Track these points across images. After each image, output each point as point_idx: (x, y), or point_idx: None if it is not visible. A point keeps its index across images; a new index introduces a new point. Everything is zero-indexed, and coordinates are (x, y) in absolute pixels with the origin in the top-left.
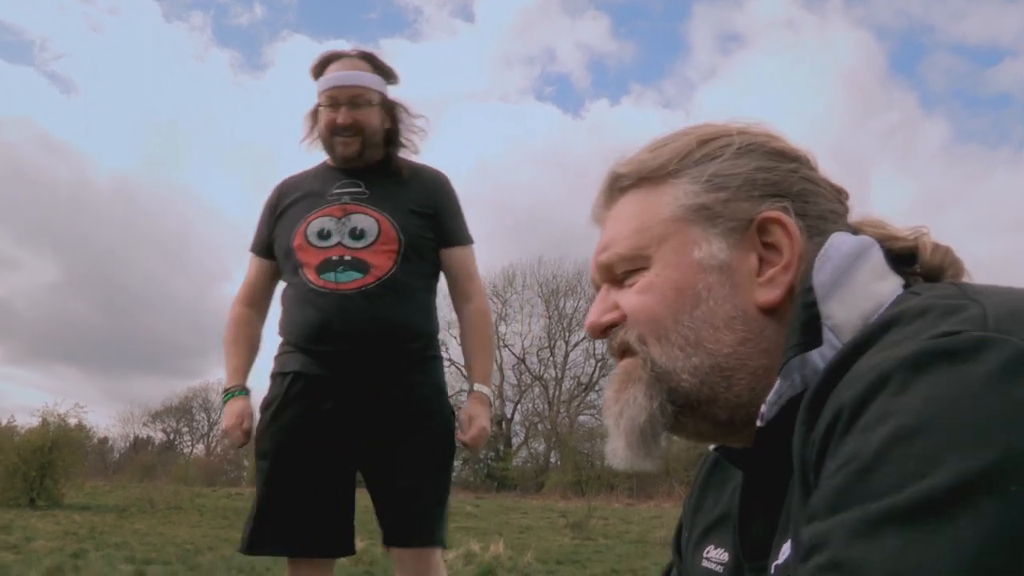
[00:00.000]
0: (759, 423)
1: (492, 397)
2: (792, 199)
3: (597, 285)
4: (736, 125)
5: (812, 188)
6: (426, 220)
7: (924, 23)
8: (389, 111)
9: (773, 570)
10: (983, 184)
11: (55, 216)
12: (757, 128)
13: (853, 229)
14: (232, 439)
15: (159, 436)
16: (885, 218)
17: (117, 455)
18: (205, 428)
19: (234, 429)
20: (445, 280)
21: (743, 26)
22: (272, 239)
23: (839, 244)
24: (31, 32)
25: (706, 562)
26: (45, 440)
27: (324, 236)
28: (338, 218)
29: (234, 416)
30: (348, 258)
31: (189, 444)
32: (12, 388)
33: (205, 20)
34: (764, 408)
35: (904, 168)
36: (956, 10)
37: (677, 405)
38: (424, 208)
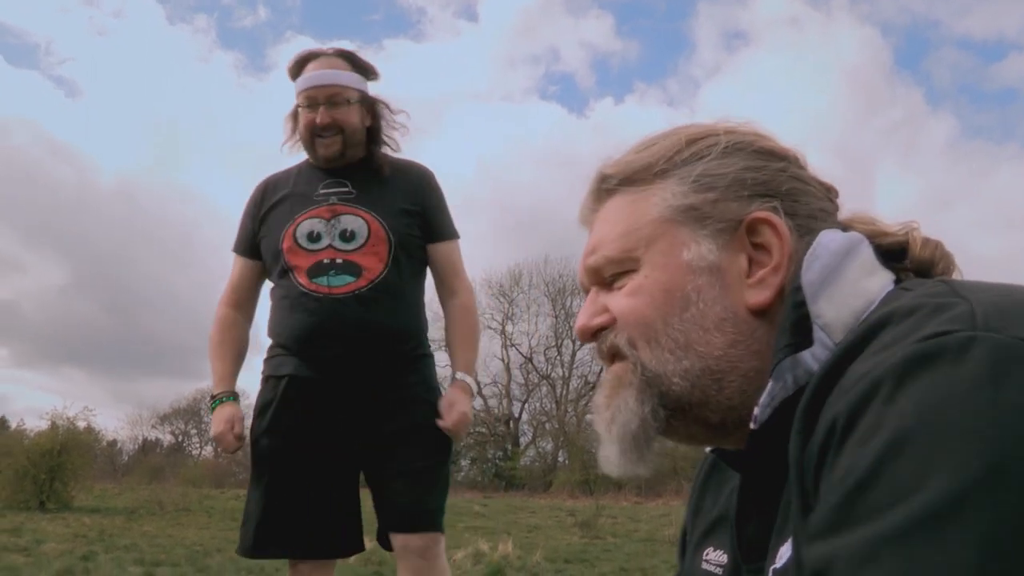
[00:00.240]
0: (752, 426)
1: (474, 387)
2: (781, 198)
3: (586, 288)
4: (724, 125)
5: (801, 187)
6: (414, 218)
7: (929, 18)
8: (370, 108)
9: (771, 574)
10: (989, 180)
11: (60, 218)
12: (745, 127)
13: (843, 227)
14: (224, 445)
15: (167, 438)
16: (875, 214)
17: (126, 457)
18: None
19: (225, 435)
20: (431, 275)
21: (747, 23)
22: (258, 239)
23: (827, 242)
24: (36, 35)
25: (705, 564)
26: (54, 443)
27: (314, 239)
28: (327, 220)
29: (223, 422)
30: (340, 261)
31: (197, 446)
32: (20, 390)
33: (209, 22)
34: (757, 411)
35: (909, 165)
36: (961, 5)
37: (668, 409)
38: (411, 205)
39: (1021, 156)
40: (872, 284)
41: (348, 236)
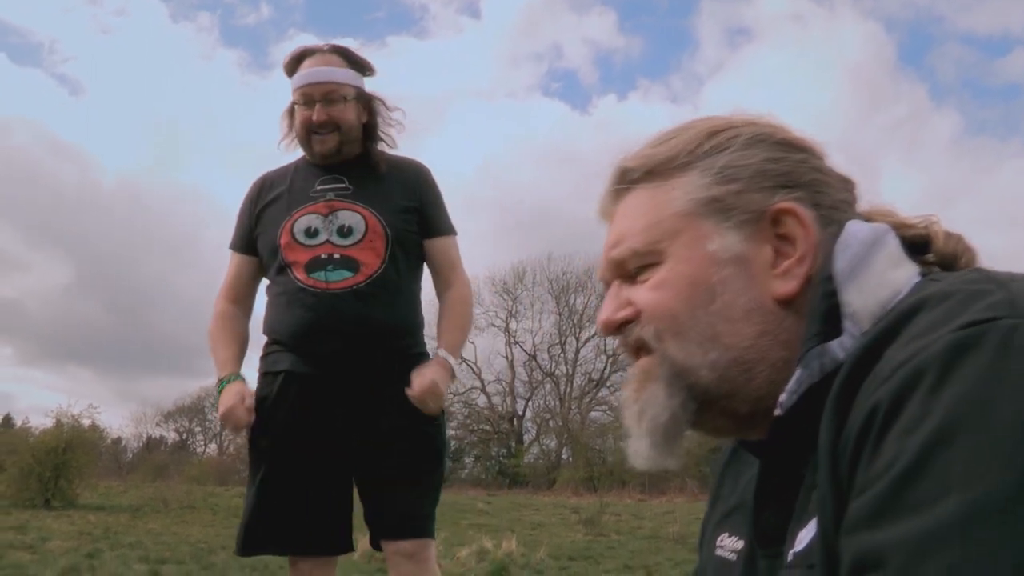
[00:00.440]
0: (777, 411)
1: (455, 367)
2: (804, 189)
3: (607, 282)
4: (741, 117)
5: (822, 178)
6: (411, 213)
7: (933, 13)
8: (366, 105)
9: (791, 557)
10: (993, 177)
11: (63, 217)
12: (763, 120)
13: (865, 218)
14: (234, 419)
15: (172, 436)
16: (894, 207)
17: (130, 455)
18: (217, 428)
19: (236, 407)
20: (428, 270)
21: (751, 20)
22: (255, 236)
23: (856, 231)
24: (39, 34)
25: (719, 550)
26: (59, 441)
27: (312, 234)
28: (324, 215)
29: (234, 394)
30: (337, 256)
31: (202, 444)
32: (26, 389)
33: (212, 20)
34: (783, 396)
35: (913, 161)
36: (965, 0)
37: (697, 401)
38: (408, 201)
39: None
40: (899, 275)
41: (345, 232)
